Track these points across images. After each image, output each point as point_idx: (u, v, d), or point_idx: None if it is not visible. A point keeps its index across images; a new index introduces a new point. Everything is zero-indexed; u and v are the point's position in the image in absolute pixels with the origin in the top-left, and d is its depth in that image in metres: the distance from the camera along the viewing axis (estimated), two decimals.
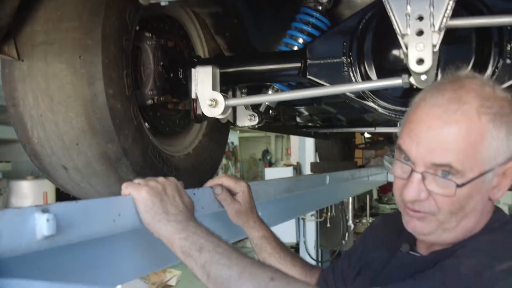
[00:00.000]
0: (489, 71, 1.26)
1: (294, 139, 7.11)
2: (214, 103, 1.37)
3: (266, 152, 14.95)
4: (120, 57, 1.22)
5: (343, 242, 5.84)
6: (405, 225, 0.98)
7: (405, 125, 0.94)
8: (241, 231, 1.35)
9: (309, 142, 5.93)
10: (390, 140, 4.19)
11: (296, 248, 6.27)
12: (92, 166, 1.24)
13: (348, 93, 1.42)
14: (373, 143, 5.06)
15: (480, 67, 1.28)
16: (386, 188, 6.78)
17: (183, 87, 1.50)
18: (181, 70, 1.52)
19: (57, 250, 0.78)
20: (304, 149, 6.10)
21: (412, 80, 1.16)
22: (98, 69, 1.15)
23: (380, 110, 1.39)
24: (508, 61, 1.24)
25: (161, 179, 1.01)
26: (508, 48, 1.24)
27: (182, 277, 5.78)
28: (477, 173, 0.86)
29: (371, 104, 1.41)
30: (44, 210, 0.70)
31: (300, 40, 1.52)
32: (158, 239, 1.07)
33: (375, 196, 7.79)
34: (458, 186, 0.86)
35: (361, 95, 1.43)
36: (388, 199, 7.81)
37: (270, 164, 13.88)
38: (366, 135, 5.12)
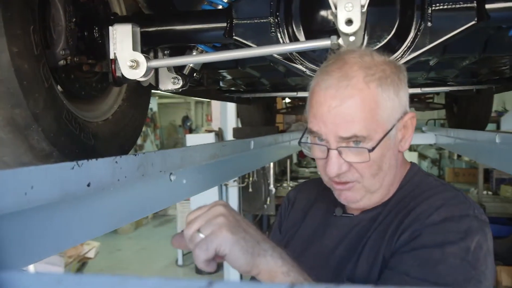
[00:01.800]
0: (412, 34, 1.29)
1: (215, 104, 7.01)
2: (135, 64, 1.28)
3: (186, 119, 14.70)
4: (25, 11, 1.08)
5: (265, 206, 5.95)
6: (338, 198, 1.05)
7: (310, 110, 0.99)
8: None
9: (231, 107, 5.88)
10: None
11: None
12: None
13: (275, 55, 1.38)
14: (293, 108, 5.14)
15: (403, 30, 1.30)
16: None
17: (100, 47, 1.38)
18: (96, 29, 1.39)
19: None
20: (225, 115, 6.05)
21: (340, 41, 1.16)
22: None
23: (308, 72, 1.38)
24: (429, 24, 1.27)
25: (216, 208, 0.81)
26: (430, 11, 1.26)
27: (101, 248, 5.59)
28: (382, 133, 0.95)
29: (299, 66, 1.39)
30: None
31: None
32: (76, 213, 0.99)
33: (295, 160, 8.02)
34: (370, 150, 0.94)
35: (289, 57, 1.40)
36: (307, 163, 8.07)
37: (191, 131, 13.70)
38: (287, 100, 5.18)
